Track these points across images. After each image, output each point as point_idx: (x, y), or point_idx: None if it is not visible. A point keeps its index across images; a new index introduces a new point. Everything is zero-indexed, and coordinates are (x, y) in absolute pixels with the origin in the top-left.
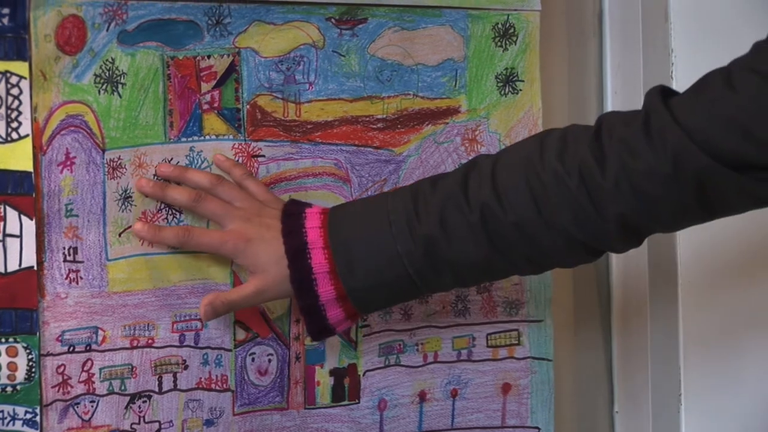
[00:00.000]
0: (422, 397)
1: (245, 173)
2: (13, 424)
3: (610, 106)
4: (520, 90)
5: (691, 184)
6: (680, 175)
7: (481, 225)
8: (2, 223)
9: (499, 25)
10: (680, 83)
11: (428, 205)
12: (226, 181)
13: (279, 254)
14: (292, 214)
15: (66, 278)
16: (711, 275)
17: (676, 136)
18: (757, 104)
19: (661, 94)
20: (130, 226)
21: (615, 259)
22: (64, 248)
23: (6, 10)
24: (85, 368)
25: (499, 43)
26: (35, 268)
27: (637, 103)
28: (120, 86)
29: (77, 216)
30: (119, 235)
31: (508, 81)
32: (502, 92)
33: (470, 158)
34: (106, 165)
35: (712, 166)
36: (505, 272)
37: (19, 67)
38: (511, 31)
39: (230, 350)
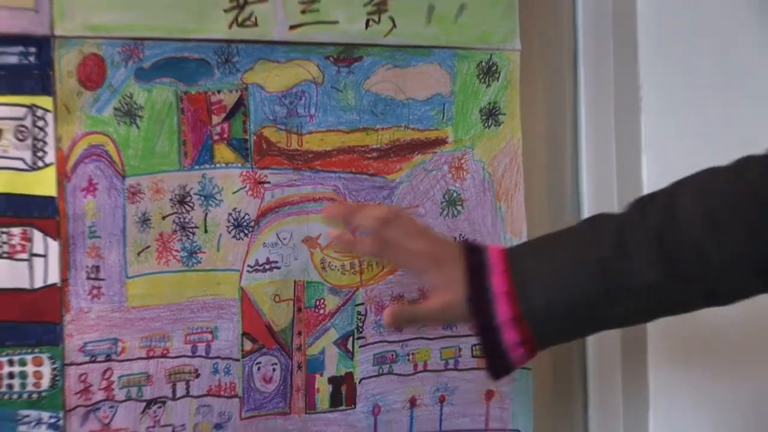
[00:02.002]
0: (413, 402)
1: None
2: (39, 428)
3: (584, 138)
4: (502, 122)
5: None
6: None
7: (658, 244)
8: (29, 244)
9: (483, 63)
10: (647, 117)
11: (607, 233)
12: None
13: (461, 274)
14: (473, 248)
15: (89, 294)
16: None
17: None
18: None
19: None
20: (148, 246)
21: None
22: (87, 267)
23: (33, 50)
24: (105, 376)
25: (482, 80)
26: (59, 284)
27: (608, 133)
28: (138, 119)
29: (99, 237)
30: (138, 255)
31: (491, 114)
32: (486, 124)
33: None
34: (126, 190)
35: None
36: (681, 303)
37: (45, 101)
38: (494, 68)
39: (238, 360)
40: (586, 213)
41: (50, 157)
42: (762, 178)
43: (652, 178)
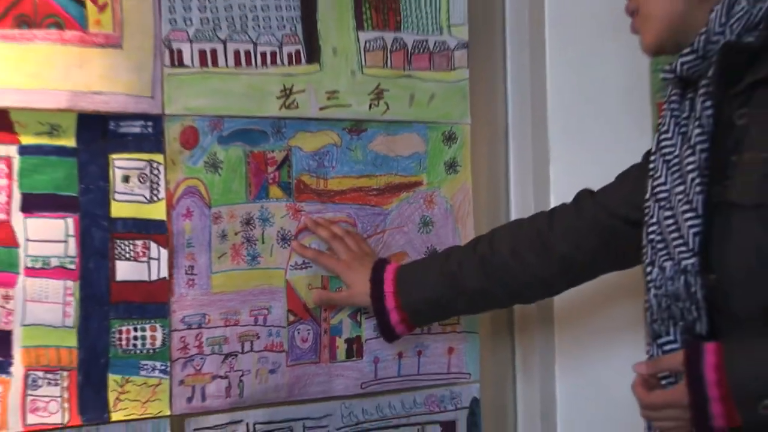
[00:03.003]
0: (400, 355)
1: (344, 231)
2: (153, 372)
3: (512, 182)
4: (459, 171)
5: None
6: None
7: (481, 265)
8: (147, 251)
9: (446, 133)
10: (554, 167)
11: (453, 257)
12: (340, 236)
13: (366, 279)
14: (378, 264)
15: (186, 284)
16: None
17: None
18: None
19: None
20: (225, 253)
21: None
22: (185, 266)
23: (150, 123)
24: (197, 338)
25: (445, 143)
26: (167, 278)
27: (528, 179)
28: (219, 169)
29: (193, 246)
30: (218, 258)
31: (451, 166)
32: (448, 172)
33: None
34: (211, 216)
35: None
36: (495, 301)
37: (158, 157)
38: (453, 136)
39: (285, 327)
40: None
41: (161, 194)
42: (543, 226)
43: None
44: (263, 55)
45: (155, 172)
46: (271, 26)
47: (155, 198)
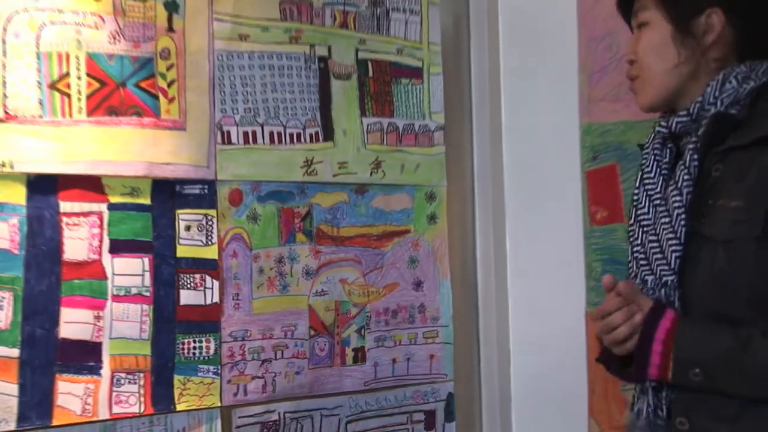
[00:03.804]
0: (394, 361)
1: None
2: (207, 374)
3: (477, 231)
4: (438, 222)
5: None
6: None
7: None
8: (204, 282)
9: (428, 193)
10: (509, 225)
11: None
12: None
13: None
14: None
15: (233, 307)
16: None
17: None
18: None
19: None
20: (263, 284)
21: (481, 288)
22: (232, 293)
23: (206, 187)
24: (241, 348)
25: (427, 201)
26: (218, 302)
27: (489, 230)
28: (258, 220)
29: (239, 279)
30: (257, 288)
31: (432, 218)
32: (430, 223)
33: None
34: (252, 256)
35: None
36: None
37: (212, 212)
38: (433, 195)
39: (307, 339)
40: (480, 267)
41: (214, 239)
42: None
43: (511, 252)
44: (291, 135)
45: (210, 223)
46: (297, 114)
47: (210, 242)
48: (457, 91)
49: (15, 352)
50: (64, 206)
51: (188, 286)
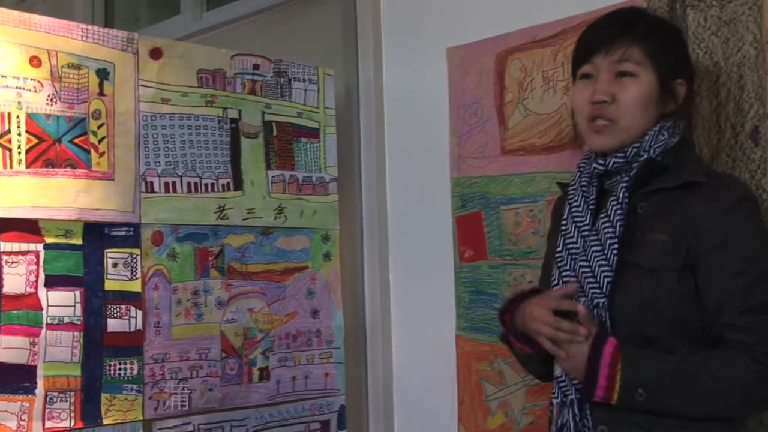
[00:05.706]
0: (294, 378)
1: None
2: (131, 392)
3: (366, 266)
4: (332, 259)
5: None
6: None
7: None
8: (129, 312)
9: (323, 235)
10: (393, 265)
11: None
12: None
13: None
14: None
15: (155, 334)
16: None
17: None
18: None
19: None
20: (180, 313)
21: (368, 316)
22: (154, 322)
23: (132, 229)
24: (162, 369)
25: (323, 241)
26: (142, 329)
27: (375, 266)
28: (177, 258)
29: (160, 309)
30: (176, 316)
31: (327, 256)
32: (325, 260)
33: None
34: (171, 289)
35: None
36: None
37: (136, 251)
38: (328, 237)
39: (219, 360)
40: (367, 298)
41: (138, 275)
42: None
43: (394, 284)
44: (206, 185)
45: (134, 260)
46: (211, 167)
47: (134, 277)
48: (349, 148)
49: None
50: (5, 246)
51: (115, 315)
